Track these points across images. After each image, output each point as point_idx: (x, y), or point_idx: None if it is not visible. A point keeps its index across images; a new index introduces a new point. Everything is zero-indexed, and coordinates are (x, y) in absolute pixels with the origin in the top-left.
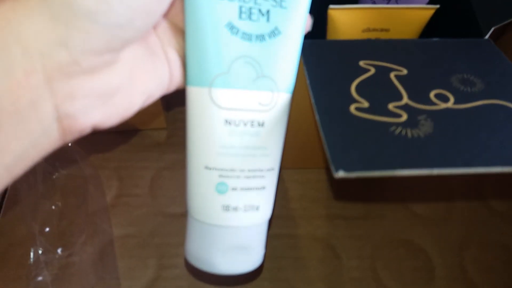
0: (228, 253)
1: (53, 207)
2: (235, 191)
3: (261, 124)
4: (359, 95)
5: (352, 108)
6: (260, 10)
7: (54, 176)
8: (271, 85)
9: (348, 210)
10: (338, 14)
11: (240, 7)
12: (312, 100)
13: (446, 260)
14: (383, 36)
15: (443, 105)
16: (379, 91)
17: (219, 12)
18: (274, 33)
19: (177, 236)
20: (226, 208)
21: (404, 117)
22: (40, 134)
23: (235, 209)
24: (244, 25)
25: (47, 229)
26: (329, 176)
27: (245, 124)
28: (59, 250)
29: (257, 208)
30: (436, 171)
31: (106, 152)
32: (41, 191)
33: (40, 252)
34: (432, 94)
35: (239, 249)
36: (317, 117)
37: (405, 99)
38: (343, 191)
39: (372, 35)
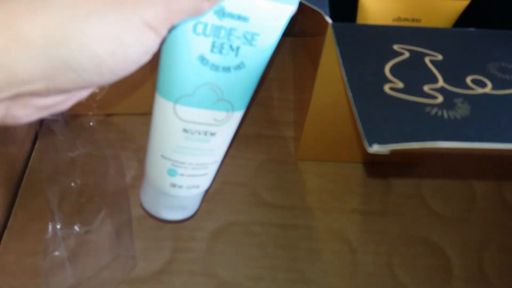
0: (171, 209)
1: (73, 184)
2: (182, 176)
3: (213, 134)
4: (394, 76)
5: (387, 87)
6: (231, 46)
7: (73, 155)
8: (228, 106)
9: (366, 205)
10: (369, 2)
11: (213, 42)
12: (345, 79)
13: (464, 260)
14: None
15: (480, 90)
16: (414, 74)
17: (193, 45)
18: (239, 66)
19: (193, 219)
20: (173, 185)
21: (440, 99)
22: None
23: (180, 187)
24: (214, 58)
25: (66, 205)
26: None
27: (199, 133)
28: (76, 227)
29: (198, 187)
30: (477, 145)
31: (127, 133)
32: (61, 168)
33: (58, 227)
34: (468, 79)
35: (179, 208)
36: (349, 94)
37: (441, 82)
38: (360, 184)
39: (403, 25)
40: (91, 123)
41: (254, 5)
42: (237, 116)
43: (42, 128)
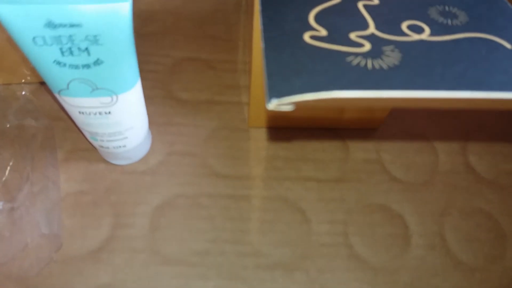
0: (115, 159)
1: (1, 159)
2: (103, 141)
3: (107, 113)
4: (318, 23)
5: (307, 36)
6: (79, 48)
7: (7, 126)
8: (108, 92)
9: (322, 172)
10: None
11: (61, 49)
12: (260, 26)
13: (424, 227)
14: None
15: (416, 37)
16: (342, 20)
17: (46, 54)
18: (97, 62)
19: (135, 193)
20: (101, 146)
21: (367, 47)
22: None
23: (107, 147)
24: (69, 60)
25: None
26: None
27: (95, 114)
28: (0, 204)
29: (125, 146)
30: (382, 93)
31: None
32: None
33: None
34: (404, 25)
35: (122, 158)
36: (262, 44)
37: (372, 29)
38: (316, 151)
39: None
40: (23, 92)
41: (82, 13)
42: (127, 95)
43: None
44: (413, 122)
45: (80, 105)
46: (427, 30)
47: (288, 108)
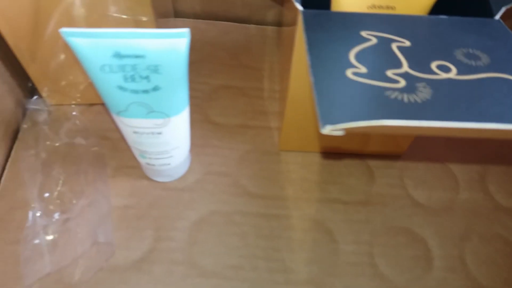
0: (157, 176)
1: (54, 173)
2: (151, 159)
3: (159, 133)
4: (357, 61)
5: (349, 72)
6: (140, 76)
7: (55, 144)
8: (162, 115)
9: (348, 196)
10: None
11: (124, 76)
12: (308, 64)
13: (445, 250)
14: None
15: (444, 75)
16: (378, 59)
17: (108, 80)
18: (155, 88)
19: (175, 209)
20: (148, 164)
21: (402, 83)
22: None
23: (153, 165)
24: (131, 85)
25: (47, 194)
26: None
27: (147, 134)
28: (56, 215)
29: (169, 164)
30: (424, 123)
31: (109, 124)
32: (43, 158)
33: (38, 215)
34: (433, 65)
35: (164, 176)
36: (311, 79)
37: (405, 68)
38: (343, 175)
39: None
40: (74, 113)
41: (146, 46)
42: (177, 118)
43: (25, 118)
44: (434, 151)
45: (135, 125)
46: (454, 69)
47: (339, 133)
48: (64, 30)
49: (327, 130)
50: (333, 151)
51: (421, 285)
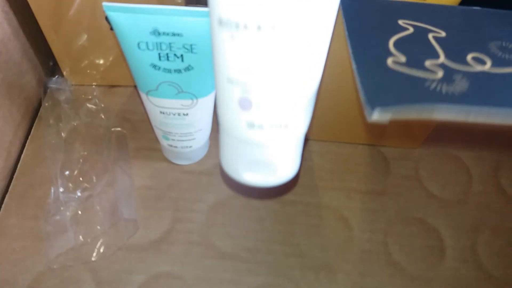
0: (177, 159)
1: (75, 152)
2: (173, 141)
3: (185, 114)
4: (397, 50)
5: (389, 61)
6: (175, 55)
7: (77, 123)
8: (191, 96)
9: (364, 185)
10: None
11: (159, 54)
12: (350, 50)
13: (458, 242)
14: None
15: (479, 68)
16: (416, 49)
17: (144, 57)
18: (188, 68)
19: (194, 191)
20: (170, 145)
21: (440, 74)
22: None
23: (176, 147)
24: (164, 64)
25: (67, 172)
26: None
27: (174, 114)
28: (78, 192)
29: (191, 147)
30: (475, 109)
31: (130, 105)
32: (63, 136)
33: (60, 191)
34: (469, 57)
35: (184, 159)
36: (354, 65)
37: (442, 58)
38: (360, 165)
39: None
40: (94, 93)
41: (185, 24)
42: (204, 100)
43: (46, 96)
44: (449, 144)
45: (163, 105)
46: (488, 62)
47: (386, 119)
48: (105, 3)
49: (376, 114)
50: (351, 142)
51: (434, 274)
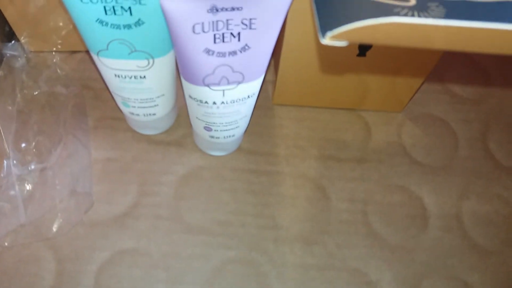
0: (143, 129)
1: (31, 122)
2: (134, 108)
3: (142, 77)
4: None
5: None
6: (122, 7)
7: (35, 93)
8: (145, 55)
9: (343, 152)
10: None
11: (104, 7)
12: None
13: (442, 210)
14: None
15: None
16: None
17: (89, 12)
18: (138, 23)
19: (161, 163)
20: (131, 113)
21: (413, 1)
22: None
23: (138, 115)
24: (111, 19)
25: (23, 144)
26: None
27: (130, 77)
28: (32, 164)
29: (154, 114)
30: (441, 22)
31: (92, 72)
32: (20, 106)
33: (13, 163)
34: None
35: (151, 128)
36: None
37: None
38: (339, 130)
39: None
40: (54, 60)
41: None
42: (162, 60)
43: (1, 64)
44: (435, 107)
45: (117, 67)
46: None
47: (341, 44)
48: None
49: (327, 38)
50: (328, 106)
51: (416, 244)
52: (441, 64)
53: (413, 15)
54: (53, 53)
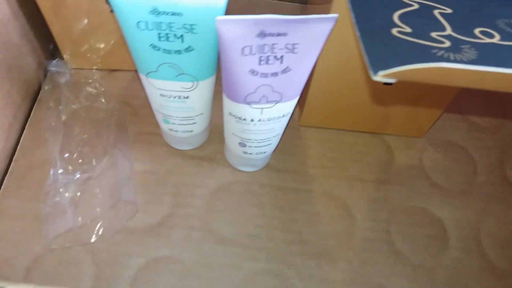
0: (180, 145)
1: (74, 135)
2: (174, 125)
3: (186, 97)
4: (402, 22)
5: (394, 31)
6: (175, 35)
7: (76, 107)
8: (191, 78)
9: (367, 174)
10: None
11: (159, 34)
12: (353, 20)
13: (461, 231)
14: None
15: (488, 40)
16: (422, 22)
17: (144, 37)
18: (188, 49)
19: (194, 176)
20: (170, 129)
21: (447, 44)
22: None
23: (176, 131)
24: (164, 45)
25: (67, 154)
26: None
27: (174, 97)
28: (78, 173)
29: (191, 131)
30: (484, 68)
31: (130, 90)
32: (63, 119)
33: (59, 172)
34: (476, 31)
35: (186, 144)
36: (357, 33)
37: (449, 31)
38: (363, 153)
39: None
40: (94, 77)
41: (185, 3)
42: (205, 83)
43: (46, 79)
44: (454, 134)
45: (163, 88)
46: (497, 36)
47: (391, 81)
48: None
49: (379, 76)
50: (353, 129)
51: (436, 264)
52: (460, 94)
53: (448, 57)
54: (93, 70)
